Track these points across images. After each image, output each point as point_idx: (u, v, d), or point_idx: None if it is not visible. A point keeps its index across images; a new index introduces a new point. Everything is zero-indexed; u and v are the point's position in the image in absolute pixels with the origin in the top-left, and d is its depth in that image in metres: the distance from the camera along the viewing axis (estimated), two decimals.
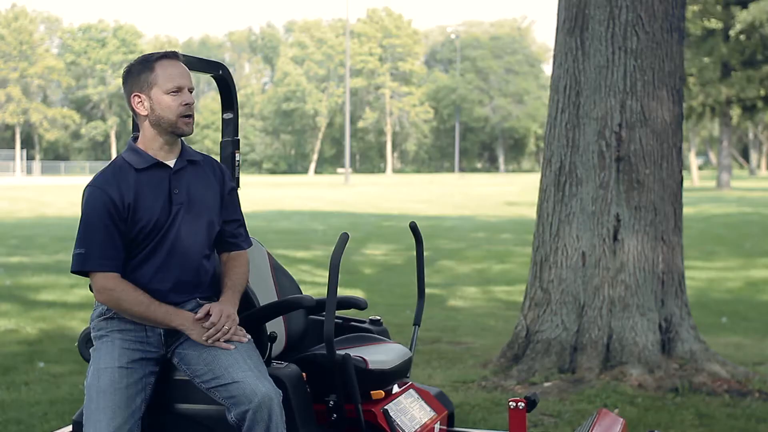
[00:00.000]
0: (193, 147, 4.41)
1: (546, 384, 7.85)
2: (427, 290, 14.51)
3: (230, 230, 4.33)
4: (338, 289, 4.38)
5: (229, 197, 4.34)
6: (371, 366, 4.40)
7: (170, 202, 4.11)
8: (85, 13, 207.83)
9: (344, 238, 4.12)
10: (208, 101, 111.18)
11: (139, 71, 4.10)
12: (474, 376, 8.33)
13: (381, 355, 4.57)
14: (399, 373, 4.63)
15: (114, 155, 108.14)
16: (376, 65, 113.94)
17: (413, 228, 5.02)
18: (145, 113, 4.10)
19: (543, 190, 8.60)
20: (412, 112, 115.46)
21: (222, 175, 4.33)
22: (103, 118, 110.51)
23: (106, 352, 4.06)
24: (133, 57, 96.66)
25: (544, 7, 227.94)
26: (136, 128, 4.42)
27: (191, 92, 4.13)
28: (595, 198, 8.19)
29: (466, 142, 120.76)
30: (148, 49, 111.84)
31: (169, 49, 4.20)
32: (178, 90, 4.09)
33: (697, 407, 7.28)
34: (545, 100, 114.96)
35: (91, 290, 4.14)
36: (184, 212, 4.12)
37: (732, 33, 49.26)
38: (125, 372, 4.01)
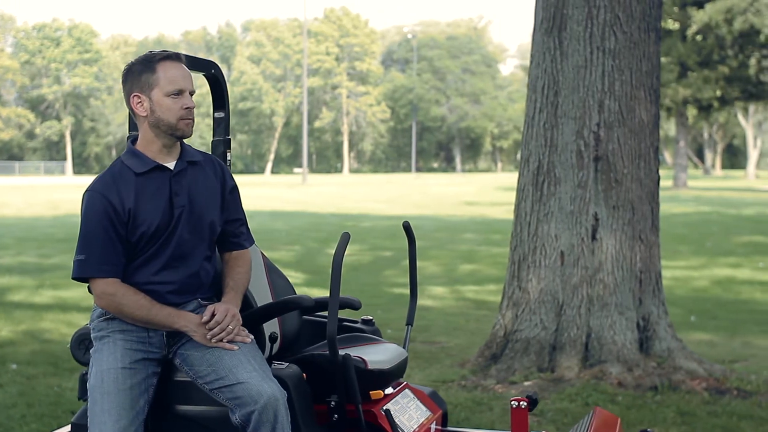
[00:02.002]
0: None
1: (526, 383, 7.87)
2: (396, 290, 14.48)
3: (232, 230, 4.30)
4: (311, 289, 4.38)
5: (230, 196, 4.29)
6: (370, 366, 4.37)
7: (171, 205, 4.06)
8: (39, 11, 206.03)
9: (346, 238, 4.07)
10: None
11: (140, 71, 4.02)
12: (453, 376, 8.34)
13: (379, 355, 4.55)
14: (397, 373, 4.61)
15: (69, 155, 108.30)
16: (332, 65, 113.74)
17: (406, 227, 4.99)
18: (145, 114, 4.03)
19: (521, 190, 8.61)
20: (368, 111, 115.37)
21: (223, 174, 4.28)
22: (58, 118, 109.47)
23: (109, 353, 4.01)
24: (88, 56, 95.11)
25: (501, 8, 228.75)
26: (133, 128, 4.37)
27: (192, 95, 4.08)
28: (574, 197, 8.23)
29: (423, 141, 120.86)
30: (104, 49, 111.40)
31: (171, 50, 4.13)
32: (179, 93, 4.02)
33: (677, 405, 7.34)
34: (502, 100, 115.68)
35: (90, 292, 4.08)
36: (185, 215, 4.07)
37: (689, 33, 49.62)
38: (128, 373, 3.96)
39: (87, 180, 79.12)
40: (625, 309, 8.18)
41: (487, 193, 53.05)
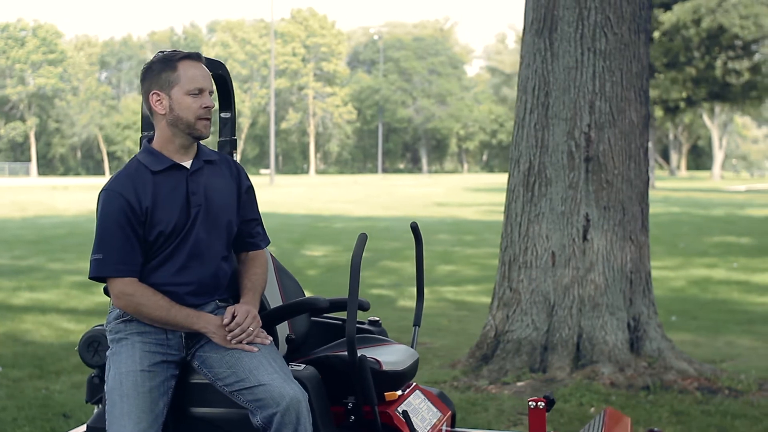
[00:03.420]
0: (114, 148, 4.31)
1: (519, 384, 7.87)
2: (374, 291, 14.41)
3: (248, 230, 4.27)
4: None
5: (246, 196, 4.27)
6: (385, 367, 4.35)
7: (188, 204, 4.03)
8: (3, 11, 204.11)
9: (363, 239, 4.05)
10: (128, 101, 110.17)
11: (161, 69, 4.01)
12: (445, 377, 8.34)
13: (392, 356, 4.54)
14: (409, 374, 4.60)
15: (34, 156, 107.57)
16: (299, 66, 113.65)
17: (414, 228, 4.98)
18: (163, 112, 4.01)
19: (511, 191, 8.62)
20: (335, 112, 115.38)
21: (238, 173, 4.27)
22: (23, 119, 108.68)
23: (127, 355, 3.97)
24: (53, 57, 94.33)
25: (467, 9, 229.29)
26: (148, 127, 4.35)
27: (211, 95, 4.06)
28: (565, 198, 8.24)
29: (389, 143, 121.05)
30: (69, 49, 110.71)
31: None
32: (200, 92, 4.01)
33: (671, 405, 7.36)
34: (468, 102, 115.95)
35: (107, 294, 4.04)
36: (202, 214, 4.04)
37: (656, 35, 49.92)
38: (147, 375, 3.92)
39: (52, 181, 78.83)
40: (616, 309, 8.21)
41: (455, 194, 53.16)
